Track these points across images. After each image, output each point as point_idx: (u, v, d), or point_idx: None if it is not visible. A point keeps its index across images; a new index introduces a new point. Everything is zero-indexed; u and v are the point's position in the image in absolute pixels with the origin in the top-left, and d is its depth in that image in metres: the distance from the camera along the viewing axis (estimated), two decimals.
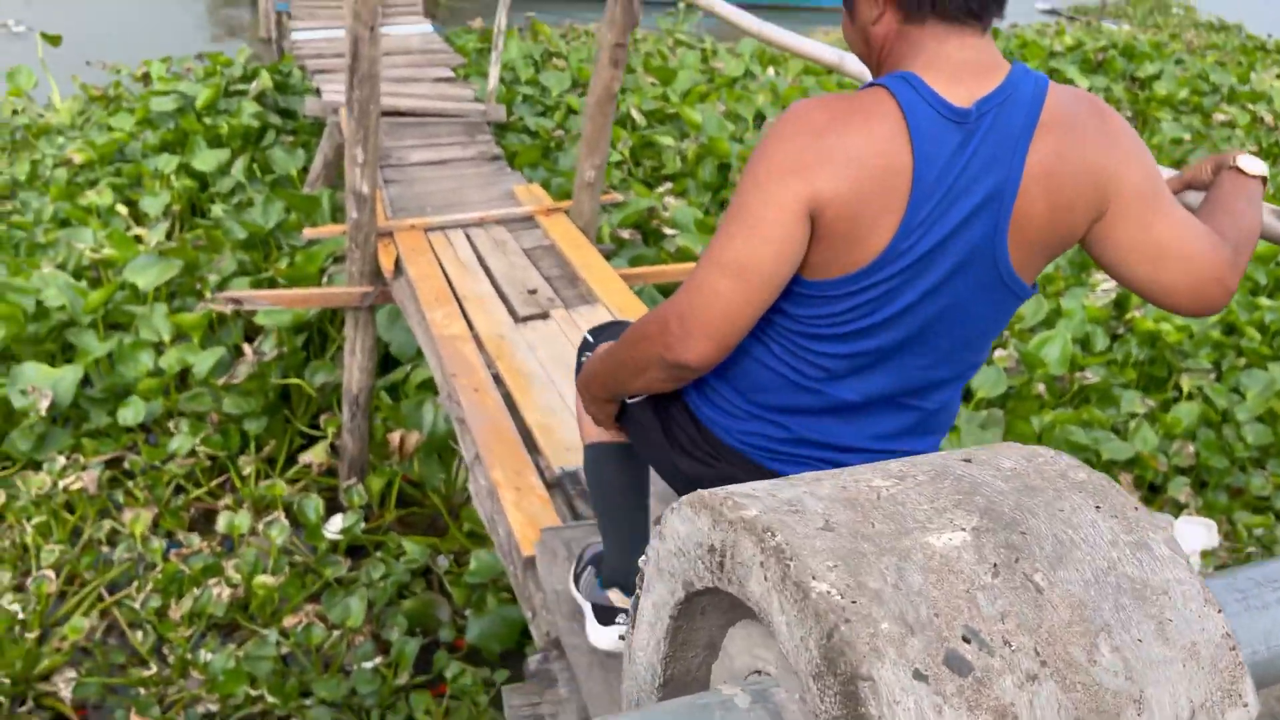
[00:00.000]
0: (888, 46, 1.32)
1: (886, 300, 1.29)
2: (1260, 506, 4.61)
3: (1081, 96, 1.32)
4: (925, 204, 1.24)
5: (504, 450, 2.68)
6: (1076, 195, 1.28)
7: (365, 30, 3.53)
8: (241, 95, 7.17)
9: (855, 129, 1.23)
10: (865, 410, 1.41)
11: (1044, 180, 1.26)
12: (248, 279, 4.96)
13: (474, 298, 3.51)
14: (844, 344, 1.34)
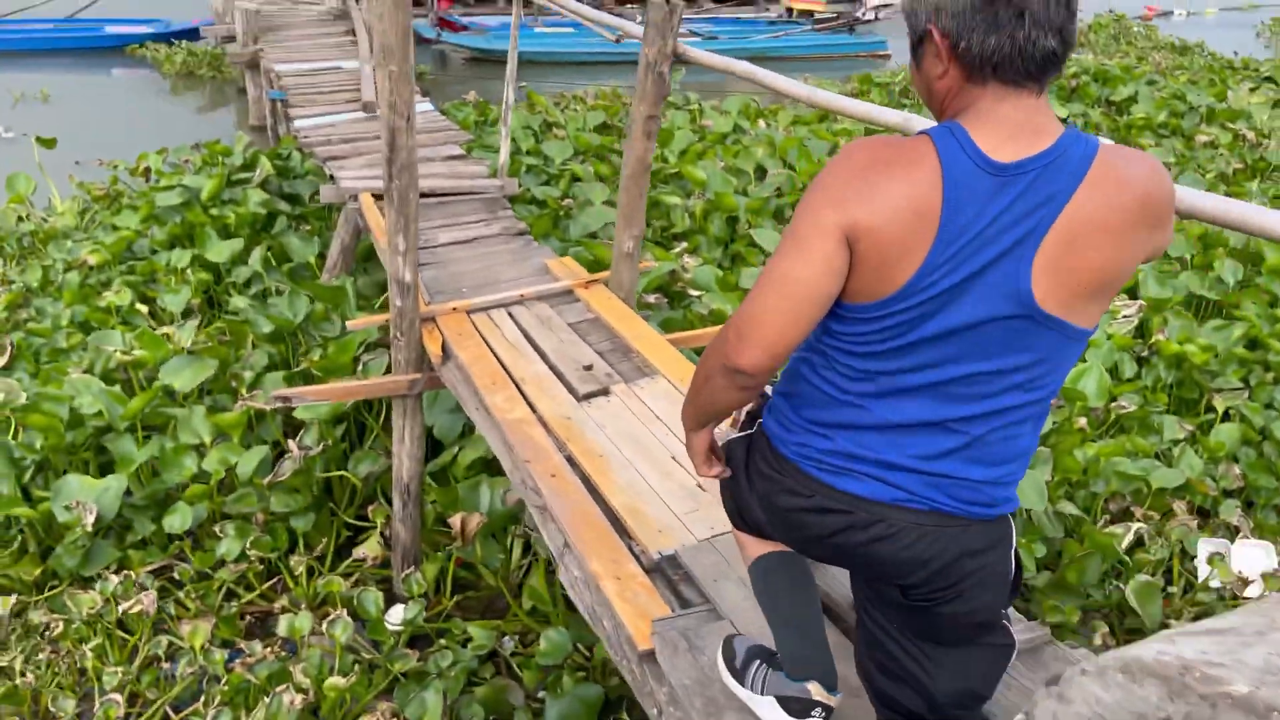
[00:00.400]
0: (949, 99, 1.44)
1: (909, 328, 1.44)
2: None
3: (1135, 158, 1.43)
4: (949, 246, 1.38)
5: (595, 538, 2.65)
6: (1117, 248, 1.40)
7: (401, 121, 3.55)
8: (244, 184, 7.19)
9: (895, 172, 1.38)
10: (907, 430, 1.53)
11: (1083, 233, 1.37)
12: (280, 373, 4.93)
13: (531, 379, 3.50)
14: (876, 361, 1.49)
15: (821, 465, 1.60)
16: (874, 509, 1.58)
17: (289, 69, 8.76)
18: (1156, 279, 5.96)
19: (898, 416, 1.53)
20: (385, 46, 3.46)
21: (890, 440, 1.54)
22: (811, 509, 1.63)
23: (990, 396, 1.50)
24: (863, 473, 1.57)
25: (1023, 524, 4.28)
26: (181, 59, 14.39)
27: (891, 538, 1.58)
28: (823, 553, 1.75)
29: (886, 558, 1.61)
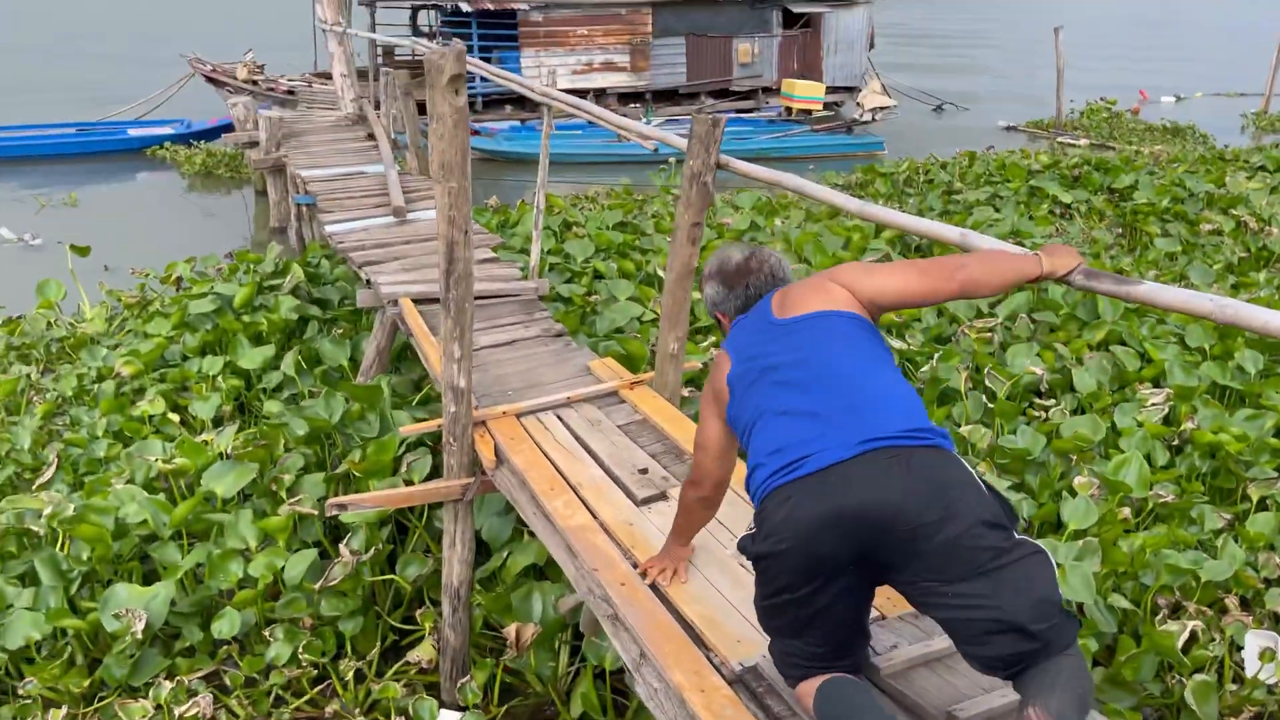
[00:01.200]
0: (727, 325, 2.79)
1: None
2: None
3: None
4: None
5: (675, 649, 2.65)
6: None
7: (460, 234, 3.65)
8: (275, 290, 7.31)
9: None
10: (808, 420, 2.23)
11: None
12: (320, 475, 4.96)
13: (589, 483, 3.53)
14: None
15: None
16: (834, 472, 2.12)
17: (315, 174, 8.98)
18: (1181, 368, 6.04)
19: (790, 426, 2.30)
20: (446, 163, 3.58)
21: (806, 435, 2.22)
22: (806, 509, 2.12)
23: (826, 391, 2.29)
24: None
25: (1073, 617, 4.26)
26: (201, 160, 14.76)
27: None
28: (843, 549, 2.10)
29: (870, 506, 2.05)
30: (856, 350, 2.33)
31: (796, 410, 2.24)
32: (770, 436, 2.24)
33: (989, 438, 5.13)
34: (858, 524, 2.05)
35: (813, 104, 17.83)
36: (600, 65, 17.38)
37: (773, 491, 2.17)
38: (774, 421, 2.26)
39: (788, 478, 2.14)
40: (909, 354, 6.23)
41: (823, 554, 2.10)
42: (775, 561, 2.16)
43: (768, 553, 2.16)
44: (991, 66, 28.62)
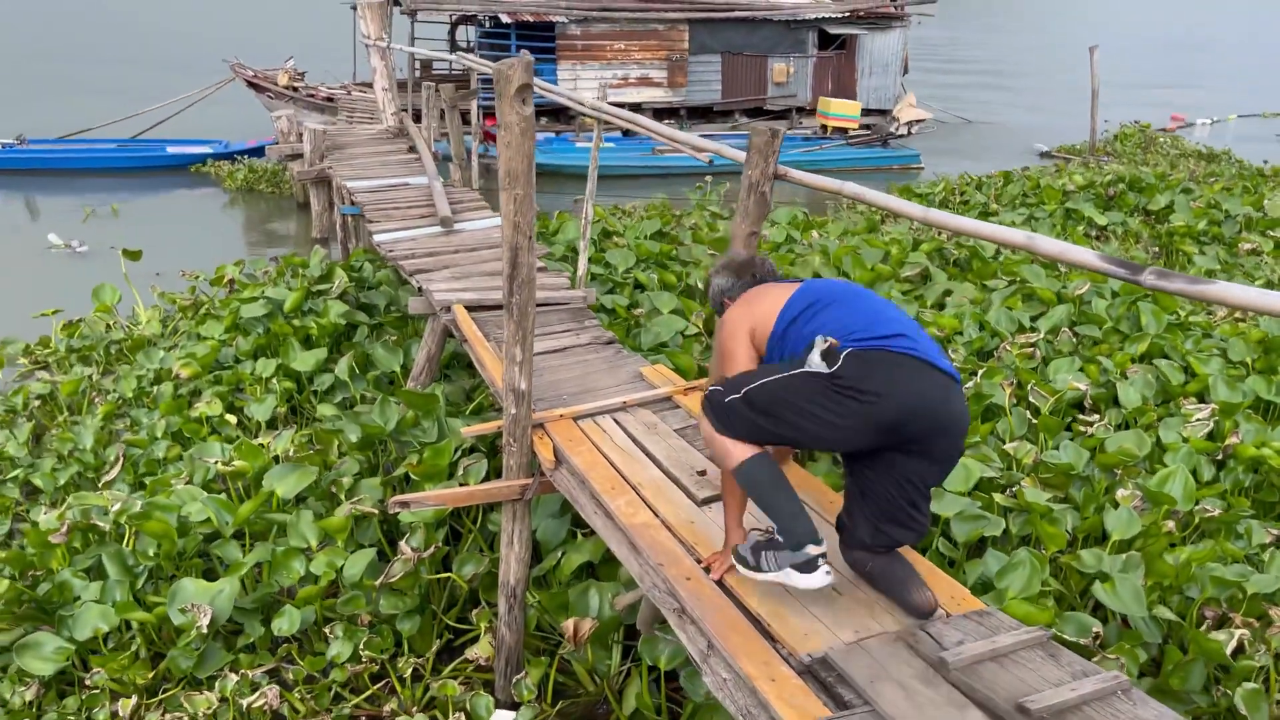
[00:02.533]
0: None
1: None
2: None
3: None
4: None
5: (743, 640, 2.72)
6: None
7: (524, 240, 3.75)
8: (322, 294, 7.47)
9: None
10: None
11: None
12: (377, 479, 5.08)
13: (649, 484, 3.61)
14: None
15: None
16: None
17: (360, 185, 9.15)
18: (1226, 383, 6.05)
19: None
20: (510, 171, 3.68)
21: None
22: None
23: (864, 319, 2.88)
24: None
25: (1117, 629, 4.29)
26: (243, 175, 15.02)
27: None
28: (917, 426, 2.72)
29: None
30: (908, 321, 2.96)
31: (890, 317, 2.86)
32: (870, 318, 2.83)
33: (1034, 454, 5.17)
34: (946, 426, 2.73)
35: (848, 122, 17.90)
36: (636, 80, 17.55)
37: (896, 352, 2.72)
38: (864, 315, 2.85)
39: (908, 350, 2.73)
40: None
41: (906, 424, 2.69)
42: (866, 403, 2.67)
43: (868, 393, 2.66)
44: (1025, 89, 28.59)
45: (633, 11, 17.31)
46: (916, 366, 2.70)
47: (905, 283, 7.93)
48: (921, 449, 2.75)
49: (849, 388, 2.68)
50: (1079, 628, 3.94)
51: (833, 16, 18.11)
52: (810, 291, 3.02)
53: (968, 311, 7.07)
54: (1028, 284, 7.65)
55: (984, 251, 8.60)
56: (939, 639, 2.65)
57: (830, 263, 8.33)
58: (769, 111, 18.40)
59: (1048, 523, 4.47)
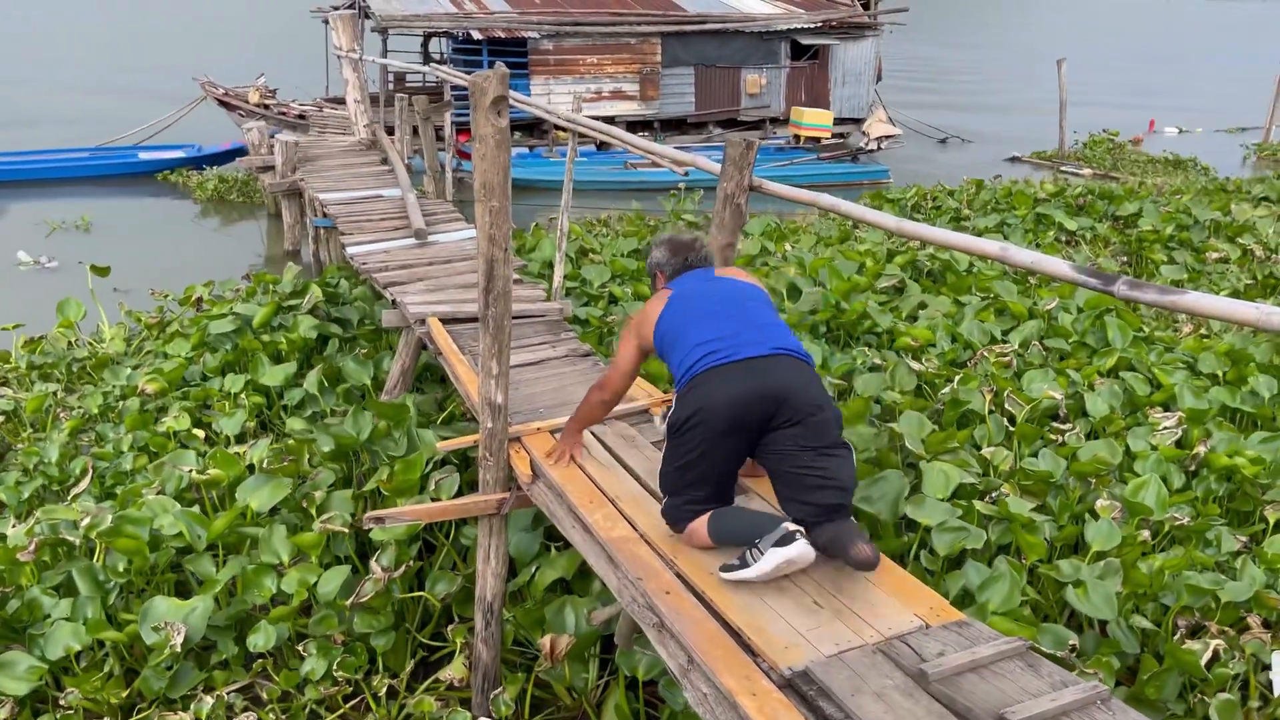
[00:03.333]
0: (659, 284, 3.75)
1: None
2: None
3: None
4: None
5: (724, 654, 2.70)
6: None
7: (500, 252, 3.73)
8: (293, 310, 7.40)
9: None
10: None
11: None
12: (348, 492, 5.02)
13: (627, 497, 3.59)
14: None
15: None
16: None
17: (332, 197, 9.10)
18: (1192, 392, 6.12)
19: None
20: (487, 183, 3.66)
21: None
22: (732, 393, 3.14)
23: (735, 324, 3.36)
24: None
25: (1096, 637, 4.31)
26: (213, 185, 14.89)
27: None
28: (755, 413, 3.12)
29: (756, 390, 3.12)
30: (763, 305, 3.44)
31: (722, 327, 3.27)
32: (700, 338, 3.25)
33: (1011, 460, 5.20)
34: (772, 397, 3.09)
35: (821, 131, 18.00)
36: (609, 93, 17.58)
37: (704, 371, 3.18)
38: (704, 330, 3.28)
39: (718, 362, 3.17)
40: (927, 376, 6.30)
41: (738, 419, 3.11)
42: (697, 427, 3.14)
43: (693, 420, 3.15)
44: (995, 101, 28.93)
45: (605, 25, 17.36)
46: (724, 372, 3.15)
47: (881, 294, 7.96)
48: (780, 422, 3.11)
49: (684, 427, 3.19)
50: (1056, 640, 3.95)
51: (805, 27, 18.25)
52: (676, 308, 3.46)
53: (941, 324, 7.12)
54: (1000, 299, 7.72)
55: (957, 265, 8.67)
56: (919, 650, 2.64)
57: (808, 274, 8.36)
58: (743, 123, 18.49)
59: (1029, 533, 4.48)
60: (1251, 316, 2.14)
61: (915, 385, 6.24)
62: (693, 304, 3.42)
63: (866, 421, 5.62)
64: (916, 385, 6.25)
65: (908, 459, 5.34)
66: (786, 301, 7.77)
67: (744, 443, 3.17)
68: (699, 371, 3.18)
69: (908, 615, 2.83)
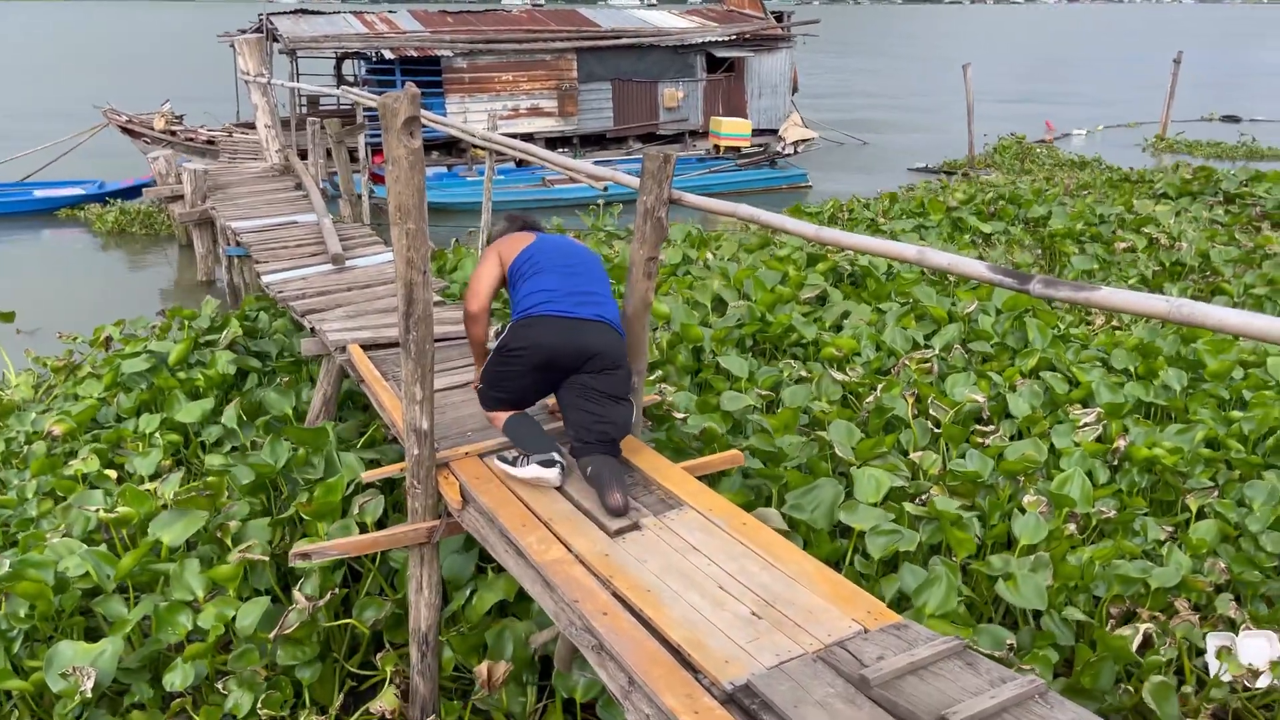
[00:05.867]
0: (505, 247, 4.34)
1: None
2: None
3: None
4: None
5: (664, 673, 2.65)
6: None
7: (419, 275, 3.64)
8: (210, 346, 7.16)
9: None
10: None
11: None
12: (265, 520, 4.85)
13: (560, 518, 3.52)
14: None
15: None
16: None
17: (245, 225, 8.85)
18: (1108, 388, 6.27)
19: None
20: (401, 206, 3.57)
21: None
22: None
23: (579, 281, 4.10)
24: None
25: (1032, 632, 4.36)
26: (114, 217, 14.37)
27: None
28: (565, 361, 3.90)
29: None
30: (601, 275, 4.17)
31: (566, 284, 3.99)
32: (547, 285, 3.99)
33: (939, 463, 5.26)
34: (583, 352, 3.86)
35: (740, 141, 18.18)
36: (527, 110, 17.51)
37: (540, 315, 3.91)
38: (550, 280, 4.00)
39: (552, 312, 3.90)
40: (851, 386, 6.36)
41: (553, 360, 3.89)
42: (521, 356, 3.93)
43: (519, 349, 3.93)
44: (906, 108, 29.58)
45: (519, 43, 17.31)
46: (553, 322, 3.88)
47: (805, 305, 8.02)
48: (582, 370, 3.88)
49: (509, 352, 3.96)
50: (993, 640, 3.99)
51: (719, 40, 18.44)
52: (536, 251, 4.15)
53: (865, 333, 7.20)
54: (920, 304, 7.84)
55: (876, 270, 8.79)
56: (859, 656, 2.63)
57: (731, 285, 8.40)
58: (662, 136, 18.59)
59: (958, 529, 4.53)
60: (1162, 309, 2.17)
61: (841, 395, 6.29)
62: (551, 254, 4.11)
63: (796, 431, 5.65)
64: (842, 395, 6.30)
65: (839, 467, 5.37)
66: (712, 315, 7.78)
67: (551, 378, 3.97)
68: (535, 314, 3.90)
69: (846, 620, 2.82)
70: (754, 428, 5.71)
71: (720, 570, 3.13)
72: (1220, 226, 11.51)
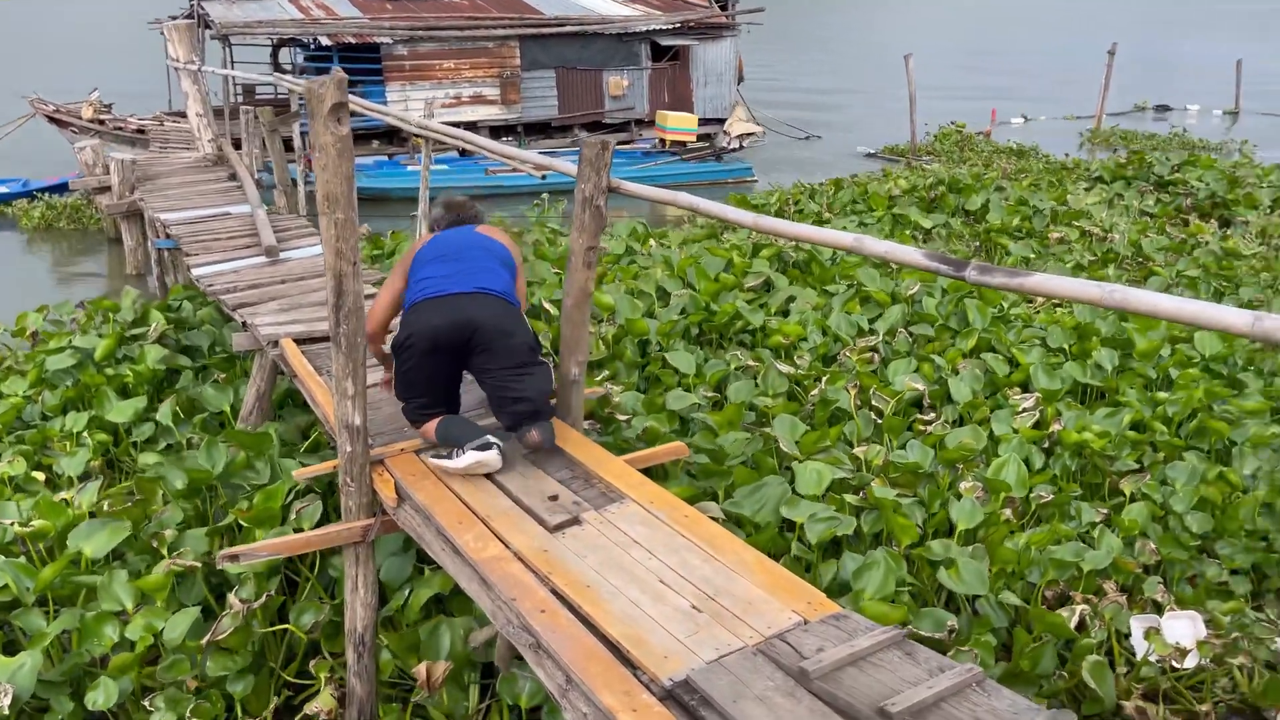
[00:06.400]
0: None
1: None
2: (1223, 593, 4.89)
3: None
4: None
5: (602, 670, 2.61)
6: None
7: (349, 266, 3.54)
8: (137, 340, 6.94)
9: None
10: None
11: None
12: (202, 529, 4.70)
13: (498, 514, 3.45)
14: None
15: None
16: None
17: (175, 217, 8.61)
18: (1045, 371, 6.36)
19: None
20: (330, 195, 3.47)
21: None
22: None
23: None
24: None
25: (969, 618, 4.40)
26: (40, 213, 13.89)
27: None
28: (455, 338, 3.90)
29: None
30: (492, 255, 4.11)
31: (446, 268, 3.98)
32: (428, 274, 3.98)
33: (883, 455, 5.28)
34: (463, 325, 3.84)
35: (686, 135, 18.14)
36: (470, 98, 17.30)
37: (419, 301, 3.91)
38: (433, 269, 4.00)
39: (429, 295, 3.90)
40: (797, 377, 6.36)
41: (438, 340, 3.85)
42: (411, 346, 3.89)
43: (407, 340, 3.89)
44: (851, 98, 29.79)
45: (460, 30, 17.08)
46: (431, 304, 3.88)
47: (749, 292, 8.02)
48: (476, 347, 3.88)
49: (400, 347, 3.94)
50: (935, 623, 4.01)
51: (663, 28, 18.37)
52: (426, 248, 4.15)
53: (811, 318, 7.21)
54: (864, 287, 7.87)
55: (821, 256, 8.82)
56: (798, 648, 2.61)
57: (674, 274, 8.36)
58: (607, 125, 18.49)
59: (900, 516, 4.55)
60: (1095, 295, 2.17)
61: (787, 388, 6.28)
62: (440, 248, 4.11)
63: (741, 427, 5.63)
64: (788, 388, 6.30)
65: (785, 462, 5.37)
66: (657, 305, 7.74)
67: (448, 361, 3.95)
68: (415, 301, 3.92)
69: (786, 612, 2.80)
70: (699, 425, 5.67)
71: (660, 564, 3.09)
72: (1150, 218, 11.75)
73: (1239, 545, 5.03)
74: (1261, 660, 4.44)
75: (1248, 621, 4.60)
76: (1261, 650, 4.49)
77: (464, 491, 3.65)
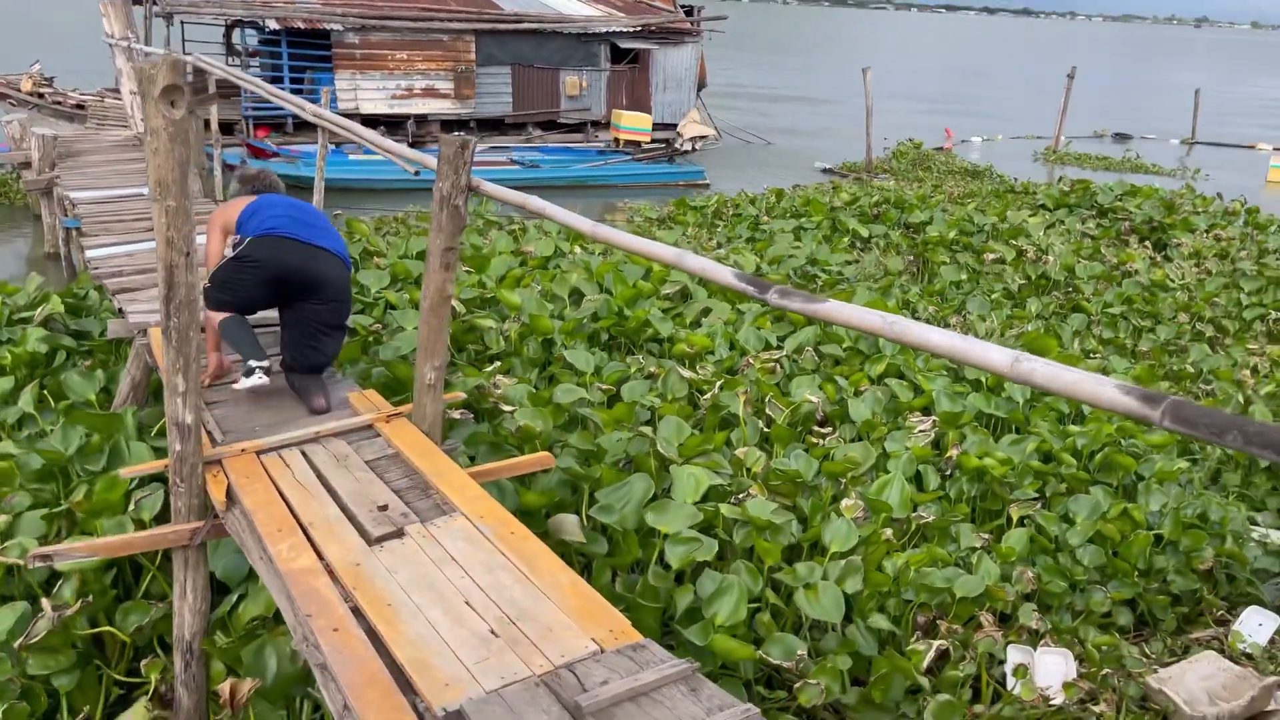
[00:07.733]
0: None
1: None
2: (1104, 625, 4.84)
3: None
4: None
5: (379, 696, 2.47)
6: None
7: (180, 257, 3.38)
8: (25, 323, 6.69)
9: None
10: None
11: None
12: (40, 513, 4.48)
13: (320, 523, 3.30)
14: None
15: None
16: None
17: (85, 196, 8.35)
18: (948, 397, 6.29)
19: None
20: (161, 181, 3.31)
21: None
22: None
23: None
24: None
25: (838, 638, 4.29)
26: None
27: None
28: (293, 279, 4.40)
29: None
30: (326, 220, 4.66)
31: (291, 214, 4.44)
32: (273, 216, 4.39)
33: (764, 462, 5.17)
34: (314, 277, 4.35)
35: (640, 135, 18.02)
36: (421, 90, 17.07)
37: (278, 235, 4.33)
38: (274, 213, 4.40)
39: (290, 234, 4.34)
40: (698, 384, 6.24)
41: (286, 278, 4.34)
42: (258, 267, 4.31)
43: (257, 260, 4.31)
44: (816, 112, 29.84)
45: (415, 20, 16.85)
46: (290, 244, 4.30)
47: (665, 300, 7.90)
48: (311, 297, 4.34)
49: (244, 261, 4.31)
50: (785, 650, 3.90)
51: (624, 31, 18.25)
52: (261, 204, 4.47)
53: (720, 331, 7.10)
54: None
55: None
56: (584, 680, 2.48)
57: (593, 279, 8.23)
58: (563, 125, 18.34)
59: (765, 538, 4.44)
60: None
61: (687, 392, 6.17)
62: (276, 207, 4.46)
63: (630, 428, 5.50)
64: (688, 392, 6.18)
65: (668, 464, 5.24)
66: (568, 308, 7.60)
67: (276, 294, 4.40)
68: (274, 233, 4.30)
69: (585, 640, 2.67)
70: (584, 423, 5.55)
71: (472, 583, 2.95)
72: (1089, 240, 11.80)
73: (1127, 581, 4.97)
74: (1132, 696, 4.38)
75: (1123, 654, 4.55)
76: (1131, 686, 4.44)
77: (294, 497, 3.49)
